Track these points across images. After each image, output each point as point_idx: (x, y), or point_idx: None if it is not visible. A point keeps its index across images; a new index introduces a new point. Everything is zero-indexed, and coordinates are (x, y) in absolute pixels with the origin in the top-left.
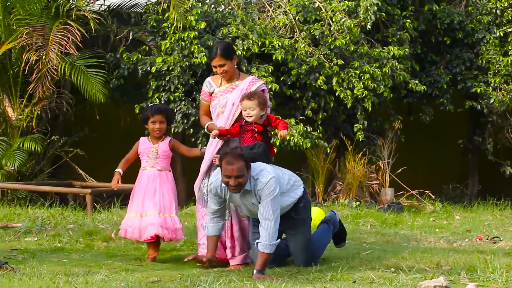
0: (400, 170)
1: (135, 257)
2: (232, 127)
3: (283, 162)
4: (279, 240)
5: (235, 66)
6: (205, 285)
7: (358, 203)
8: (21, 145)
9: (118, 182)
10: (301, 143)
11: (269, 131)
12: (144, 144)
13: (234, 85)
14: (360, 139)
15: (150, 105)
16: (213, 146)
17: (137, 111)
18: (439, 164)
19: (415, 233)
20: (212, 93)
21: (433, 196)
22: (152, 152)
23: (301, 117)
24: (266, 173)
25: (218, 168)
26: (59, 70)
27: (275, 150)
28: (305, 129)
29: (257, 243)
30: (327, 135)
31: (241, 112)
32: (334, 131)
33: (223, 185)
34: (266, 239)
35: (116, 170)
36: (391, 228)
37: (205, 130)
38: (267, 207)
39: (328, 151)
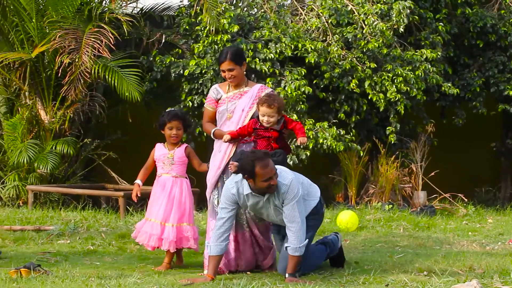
0: (432, 173)
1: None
2: (243, 128)
3: (317, 165)
4: (307, 240)
5: (244, 73)
6: None
7: (390, 206)
8: (53, 148)
9: (137, 195)
10: (334, 146)
11: (284, 133)
12: (160, 150)
13: (243, 91)
14: (393, 142)
15: (167, 110)
16: (221, 153)
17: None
18: (472, 167)
19: (448, 236)
20: (219, 99)
21: (465, 199)
22: (167, 159)
23: (334, 120)
24: (285, 175)
25: (233, 175)
26: (92, 72)
27: (308, 154)
28: (338, 132)
29: (286, 247)
30: (359, 138)
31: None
32: (367, 134)
33: (242, 193)
34: (295, 242)
35: (135, 182)
36: (424, 231)
37: (212, 136)
38: (293, 209)
39: (361, 154)
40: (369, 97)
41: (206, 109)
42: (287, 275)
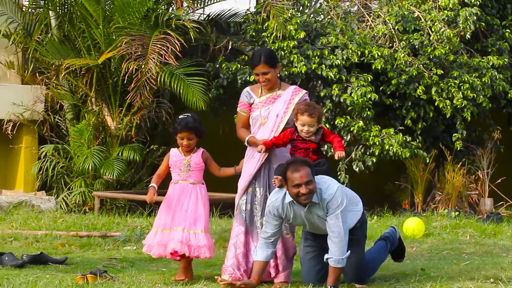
0: (499, 181)
1: None
2: (278, 137)
3: (383, 172)
4: (349, 252)
5: (278, 75)
6: None
7: (457, 213)
8: (120, 154)
9: (154, 195)
10: (400, 153)
11: (321, 145)
12: (175, 156)
13: (276, 95)
14: (459, 149)
15: (180, 117)
16: (255, 159)
17: (236, 121)
18: None
19: None
20: (252, 104)
21: None
22: (184, 165)
23: (400, 127)
24: (331, 184)
25: (277, 188)
26: (158, 79)
27: (374, 160)
28: (404, 138)
29: (327, 258)
30: (426, 145)
31: (286, 124)
32: (433, 141)
33: (285, 202)
34: (337, 253)
35: (150, 185)
36: (490, 238)
37: (245, 143)
38: (337, 219)
39: (427, 161)
40: (436, 104)
41: (240, 114)
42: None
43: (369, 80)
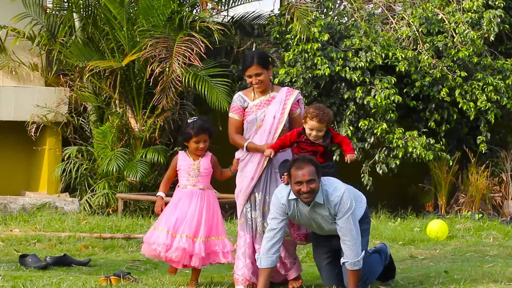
0: None
1: None
2: (285, 138)
3: (406, 174)
4: (363, 252)
5: (270, 77)
6: None
7: (480, 215)
8: (143, 156)
9: (161, 209)
10: (423, 155)
11: (329, 147)
12: (183, 160)
13: (270, 97)
14: (483, 151)
15: (190, 122)
16: (254, 163)
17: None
18: None
19: None
20: (246, 108)
21: None
22: (193, 170)
23: (424, 129)
24: (338, 186)
25: (283, 185)
26: (182, 81)
27: (398, 162)
28: (428, 141)
29: (343, 263)
30: (449, 147)
31: (284, 126)
32: (457, 144)
33: (290, 198)
34: (352, 256)
35: (157, 194)
36: None
37: (244, 150)
38: (348, 222)
39: (451, 164)
40: (459, 106)
41: (233, 118)
42: None
43: (393, 82)
